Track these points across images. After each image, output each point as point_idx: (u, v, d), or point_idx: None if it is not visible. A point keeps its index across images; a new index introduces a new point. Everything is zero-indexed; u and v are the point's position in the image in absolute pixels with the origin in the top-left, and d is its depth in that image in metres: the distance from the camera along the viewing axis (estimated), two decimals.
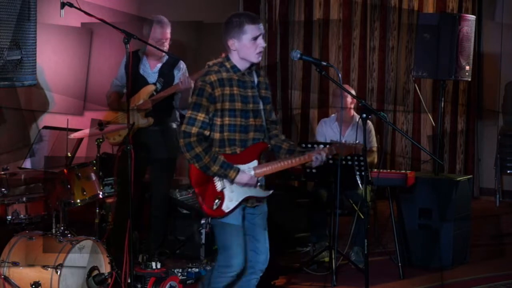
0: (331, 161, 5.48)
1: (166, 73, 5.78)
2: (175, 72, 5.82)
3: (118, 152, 4.87)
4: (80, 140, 5.38)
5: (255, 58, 4.14)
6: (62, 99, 5.80)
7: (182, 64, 5.86)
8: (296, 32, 8.65)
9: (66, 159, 5.16)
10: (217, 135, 4.11)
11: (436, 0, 8.86)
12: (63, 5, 4.59)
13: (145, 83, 5.73)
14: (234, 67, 4.15)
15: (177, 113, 5.91)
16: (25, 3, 3.92)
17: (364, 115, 4.13)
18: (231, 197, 4.11)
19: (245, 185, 4.11)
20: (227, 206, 4.10)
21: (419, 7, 8.83)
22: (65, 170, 5.05)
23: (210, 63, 4.21)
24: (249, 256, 4.21)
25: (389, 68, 8.93)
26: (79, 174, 5.09)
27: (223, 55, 4.21)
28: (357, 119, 5.07)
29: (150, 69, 5.77)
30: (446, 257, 6.01)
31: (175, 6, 7.68)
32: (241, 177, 4.09)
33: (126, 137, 4.69)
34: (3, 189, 4.99)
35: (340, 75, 4.38)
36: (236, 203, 4.11)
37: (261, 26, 4.15)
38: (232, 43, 4.12)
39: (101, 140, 5.22)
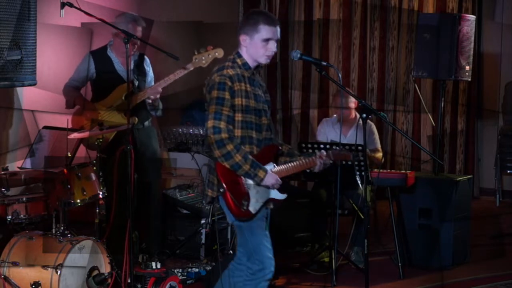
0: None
1: (140, 69, 5.73)
2: (146, 68, 5.79)
3: (117, 152, 4.85)
4: (80, 140, 5.36)
5: (263, 60, 4.10)
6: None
7: (147, 58, 5.82)
8: (296, 32, 8.64)
9: (66, 159, 5.14)
10: (238, 132, 4.01)
11: (436, 0, 8.86)
12: (63, 5, 4.58)
13: (122, 81, 5.60)
14: (245, 64, 4.09)
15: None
16: (25, 3, 3.92)
17: (364, 115, 4.13)
18: (257, 198, 4.02)
19: (269, 186, 4.03)
20: (254, 207, 4.01)
21: (419, 7, 8.83)
22: (65, 170, 5.03)
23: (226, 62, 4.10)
24: None
25: (389, 68, 8.92)
26: (79, 174, 5.08)
27: (210, 48, 4.02)
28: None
29: (123, 66, 5.62)
30: (446, 257, 6.01)
31: (175, 6, 7.68)
32: (269, 179, 4.00)
33: (126, 137, 4.69)
34: (3, 189, 4.99)
35: (340, 75, 4.37)
36: (261, 204, 4.03)
37: (278, 30, 4.08)
38: (244, 39, 4.07)
39: (101, 140, 5.22)
